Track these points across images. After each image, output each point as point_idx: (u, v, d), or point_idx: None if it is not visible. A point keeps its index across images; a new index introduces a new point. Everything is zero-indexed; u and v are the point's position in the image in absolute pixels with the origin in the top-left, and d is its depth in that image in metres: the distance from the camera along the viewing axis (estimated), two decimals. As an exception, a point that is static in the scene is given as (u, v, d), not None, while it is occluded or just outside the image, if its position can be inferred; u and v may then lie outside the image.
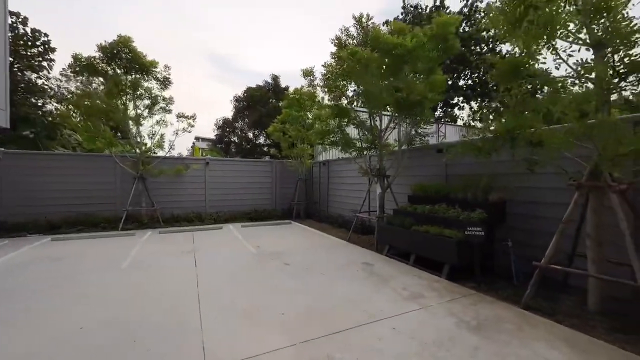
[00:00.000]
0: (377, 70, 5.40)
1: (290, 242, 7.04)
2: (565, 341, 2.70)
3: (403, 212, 5.89)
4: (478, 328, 2.94)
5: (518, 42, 3.87)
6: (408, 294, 3.81)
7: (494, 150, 4.10)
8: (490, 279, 4.31)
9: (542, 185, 4.55)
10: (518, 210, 4.80)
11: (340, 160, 10.62)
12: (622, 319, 3.08)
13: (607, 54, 3.22)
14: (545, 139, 3.70)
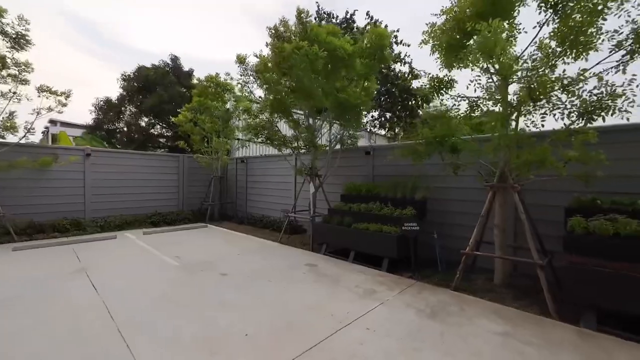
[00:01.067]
0: (322, 69, 5.34)
1: (215, 248, 6.23)
2: (495, 313, 3.31)
3: (339, 211, 6.06)
4: (433, 315, 3.27)
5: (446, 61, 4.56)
6: (362, 291, 3.91)
7: (428, 155, 4.67)
8: (421, 268, 4.91)
9: (456, 185, 5.48)
10: (436, 207, 5.64)
11: (263, 158, 10.13)
12: (520, 289, 4.01)
13: (509, 83, 4.12)
14: (462, 147, 4.48)
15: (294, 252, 5.97)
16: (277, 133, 6.75)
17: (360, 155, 7.10)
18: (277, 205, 9.33)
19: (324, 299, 3.66)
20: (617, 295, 2.94)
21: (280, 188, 9.30)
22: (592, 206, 3.74)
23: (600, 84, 3.41)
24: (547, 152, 3.41)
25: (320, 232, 6.01)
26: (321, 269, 4.82)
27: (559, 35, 3.63)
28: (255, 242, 6.88)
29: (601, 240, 3.33)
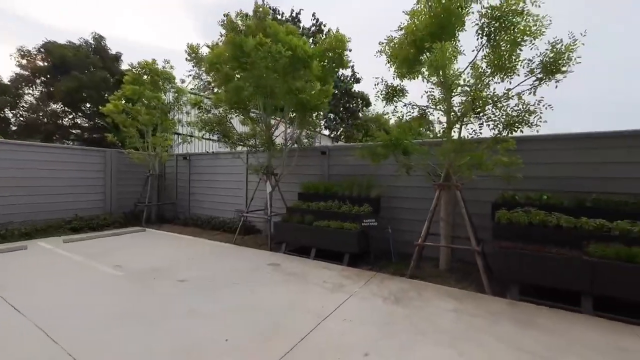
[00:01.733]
0: (284, 68, 5.32)
1: (163, 253, 5.67)
2: (446, 294, 3.84)
3: (298, 210, 6.13)
4: (398, 301, 3.63)
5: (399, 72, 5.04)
6: (331, 286, 4.09)
7: (385, 156, 5.09)
8: (377, 260, 5.32)
9: (406, 184, 6.07)
10: (388, 204, 6.16)
11: (211, 155, 9.53)
12: (459, 272, 4.69)
13: (452, 95, 4.77)
14: (412, 150, 5.02)
15: (253, 253, 5.83)
16: (232, 130, 6.47)
17: (316, 155, 7.28)
18: (227, 205, 8.91)
19: (297, 297, 3.72)
20: (534, 272, 3.71)
21: (230, 187, 8.90)
22: (512, 201, 4.61)
23: (520, 102, 4.23)
24: (483, 156, 4.08)
25: (280, 231, 5.99)
26: (286, 268, 4.84)
27: (491, 59, 4.37)
28: (208, 245, 6.48)
29: (520, 228, 4.14)
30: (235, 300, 3.59)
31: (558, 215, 4.03)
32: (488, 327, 3.05)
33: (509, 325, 3.10)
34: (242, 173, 8.65)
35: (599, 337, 2.88)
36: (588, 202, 4.20)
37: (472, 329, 2.99)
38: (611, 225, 3.71)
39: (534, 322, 3.16)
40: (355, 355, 2.50)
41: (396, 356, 2.50)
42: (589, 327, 3.09)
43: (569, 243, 3.81)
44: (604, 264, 3.37)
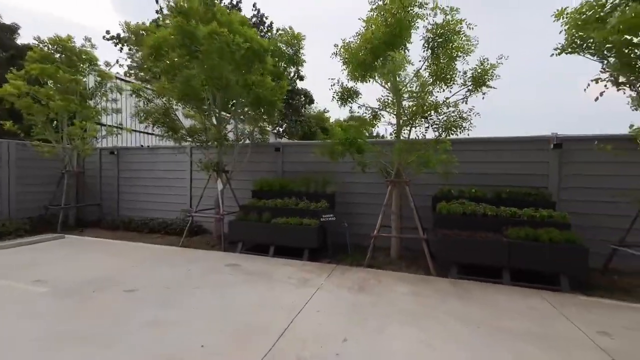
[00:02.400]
0: (240, 61, 5.12)
1: (96, 263, 4.94)
2: (400, 280, 4.29)
3: (254, 207, 6.00)
4: (361, 290, 3.91)
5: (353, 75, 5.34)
6: (296, 281, 4.16)
7: (343, 154, 5.35)
8: (334, 254, 5.57)
9: (358, 181, 6.45)
10: (342, 200, 6.46)
11: (147, 150, 8.54)
12: (408, 259, 5.25)
13: (402, 100, 5.27)
14: (366, 149, 5.41)
15: (206, 255, 5.51)
16: (177, 123, 5.93)
17: (269, 152, 7.18)
18: (168, 205, 8.14)
19: (265, 294, 3.69)
20: (468, 253, 4.41)
21: (172, 185, 8.15)
22: (449, 195, 5.36)
23: (456, 109, 4.92)
24: (430, 155, 4.64)
25: (235, 230, 5.77)
26: (246, 268, 4.72)
27: (433, 70, 4.97)
28: (150, 250, 5.86)
29: (456, 217, 4.86)
30: (201, 304, 3.39)
31: (484, 205, 4.85)
32: (439, 304, 3.54)
33: (455, 300, 3.65)
34: (186, 170, 8.01)
35: (517, 302, 3.61)
36: (504, 194, 5.15)
37: (427, 308, 3.44)
38: (521, 212, 4.65)
39: (472, 296, 3.77)
40: (335, 342, 2.65)
41: (370, 338, 2.74)
42: (510, 294, 3.84)
43: (492, 228, 4.63)
44: (517, 243, 4.21)
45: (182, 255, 5.44)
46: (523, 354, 2.54)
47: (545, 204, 4.81)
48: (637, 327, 3.02)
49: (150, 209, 8.34)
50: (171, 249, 5.90)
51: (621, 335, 2.86)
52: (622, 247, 4.40)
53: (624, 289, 4.08)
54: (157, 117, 5.54)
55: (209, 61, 4.89)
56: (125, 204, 8.68)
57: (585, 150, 5.10)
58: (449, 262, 4.56)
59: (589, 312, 3.35)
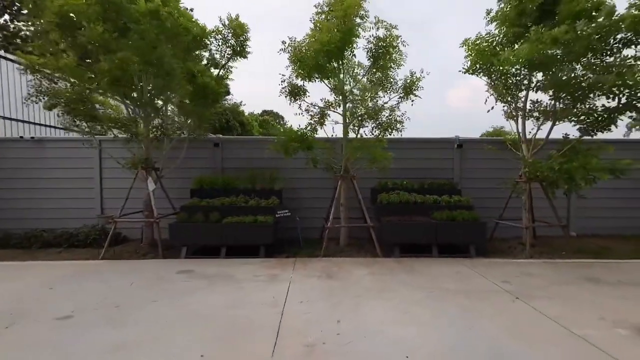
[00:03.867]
0: (182, 46, 4.61)
1: (-19, 293, 3.70)
2: (358, 264, 4.78)
3: (196, 208, 5.53)
4: (329, 277, 4.21)
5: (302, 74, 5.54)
6: (266, 278, 4.14)
7: (295, 151, 5.48)
8: (289, 247, 5.67)
9: (304, 176, 6.66)
10: (288, 195, 6.57)
11: (27, 142, 6.63)
12: (355, 245, 5.82)
13: (346, 102, 5.75)
14: (316, 146, 5.72)
15: (144, 265, 4.81)
16: (98, 112, 4.89)
17: (206, 147, 6.67)
18: (67, 211, 6.61)
19: (239, 295, 3.58)
20: (406, 234, 5.25)
21: (72, 187, 6.62)
22: (386, 187, 6.18)
23: (392, 113, 5.70)
24: (378, 152, 5.27)
25: (178, 233, 5.21)
26: (202, 272, 4.38)
27: (374, 77, 5.63)
28: (60, 267, 4.70)
29: (393, 206, 5.68)
30: (168, 316, 3.05)
31: (415, 195, 5.83)
32: (393, 279, 4.16)
33: (403, 274, 4.35)
34: (94, 167, 6.65)
35: (446, 269, 4.57)
36: (426, 185, 6.28)
37: (386, 283, 4.00)
38: (440, 199, 5.79)
39: (414, 269, 4.56)
40: (330, 324, 2.87)
41: (356, 315, 3.06)
42: (440, 265, 4.80)
43: (422, 213, 5.63)
44: (441, 223, 5.26)
45: (112, 268, 4.60)
46: (463, 304, 3.31)
47: (454, 191, 6.11)
48: (521, 275, 4.29)
49: (39, 219, 6.56)
50: (91, 264, 4.88)
51: (515, 282, 4.02)
52: (501, 221, 6.03)
53: (504, 251, 5.62)
54: (71, 103, 4.40)
55: (146, 43, 4.25)
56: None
57: (478, 149, 6.70)
58: (392, 244, 5.32)
59: (492, 269, 4.54)
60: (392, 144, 6.49)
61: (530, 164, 5.31)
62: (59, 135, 8.23)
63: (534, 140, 5.68)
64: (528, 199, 5.55)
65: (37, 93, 4.50)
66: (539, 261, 5.02)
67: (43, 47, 4.35)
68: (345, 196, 5.80)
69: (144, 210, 5.77)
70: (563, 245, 5.65)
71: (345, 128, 5.73)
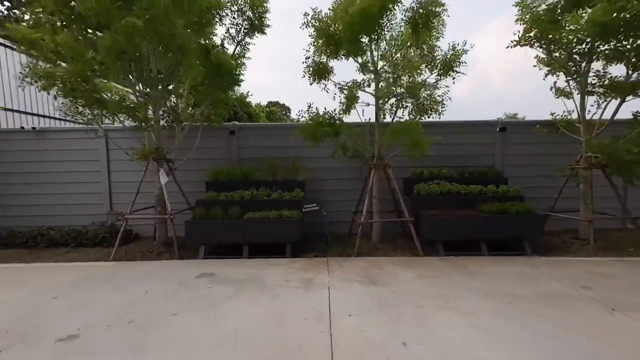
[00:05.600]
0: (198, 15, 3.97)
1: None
2: (400, 264, 4.19)
3: (215, 202, 4.98)
4: (373, 281, 3.63)
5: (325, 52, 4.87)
6: (299, 283, 3.59)
7: (323, 138, 4.85)
8: (316, 245, 5.10)
9: (328, 166, 6.04)
10: (311, 187, 5.97)
11: (29, 133, 6.13)
12: (389, 242, 5.22)
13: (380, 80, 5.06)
14: (345, 131, 5.08)
15: (159, 267, 4.29)
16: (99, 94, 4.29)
17: (222, 136, 6.07)
18: (74, 208, 6.15)
19: (274, 306, 3.02)
20: (453, 231, 4.62)
21: (79, 181, 6.14)
22: (421, 176, 5.53)
23: (432, 92, 4.99)
24: (421, 136, 4.60)
25: (195, 231, 4.67)
26: (226, 276, 3.84)
27: (413, 51, 4.92)
28: (68, 270, 4.22)
29: (433, 197, 5.05)
30: (198, 337, 2.50)
31: (456, 185, 5.17)
32: (449, 283, 3.56)
33: (458, 276, 3.74)
34: (100, 159, 6.13)
35: (505, 269, 3.95)
36: (467, 173, 5.62)
37: (442, 288, 3.41)
38: (485, 189, 5.13)
39: (468, 270, 3.95)
40: (395, 347, 2.30)
41: (422, 333, 2.49)
42: (494, 264, 4.18)
43: (465, 205, 4.99)
44: (491, 217, 4.62)
45: (124, 272, 4.09)
46: (550, 317, 2.70)
47: (499, 180, 5.43)
48: (596, 276, 3.66)
49: (44, 215, 6.12)
50: (101, 266, 4.39)
51: (595, 286, 3.39)
52: (554, 213, 5.35)
53: (559, 247, 4.96)
54: (70, 83, 3.80)
55: (155, 11, 3.61)
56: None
57: (524, 133, 5.98)
58: (434, 241, 4.71)
59: (558, 270, 3.91)
60: (426, 129, 5.83)
61: (597, 146, 4.59)
62: (66, 127, 7.69)
63: (594, 121, 4.94)
64: (589, 188, 4.86)
65: (32, 74, 3.91)
66: (606, 259, 4.37)
67: (37, 19, 3.75)
68: (378, 187, 5.17)
69: (157, 205, 5.24)
70: (626, 240, 4.98)
71: (377, 110, 5.07)
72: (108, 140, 5.98)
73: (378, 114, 5.07)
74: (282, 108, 30.78)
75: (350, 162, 5.81)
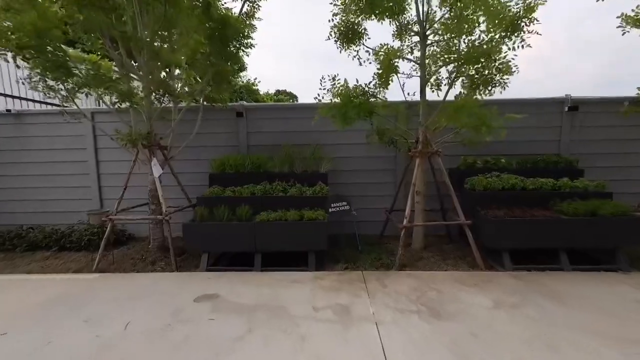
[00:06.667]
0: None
1: None
2: (462, 284, 3.19)
3: (220, 199, 4.03)
4: (435, 314, 2.65)
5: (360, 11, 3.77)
6: (332, 314, 2.64)
7: (355, 119, 3.81)
8: (344, 251, 4.13)
9: (350, 155, 5.03)
10: (333, 180, 4.96)
11: (6, 118, 5.25)
12: (436, 249, 4.22)
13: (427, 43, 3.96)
14: (378, 111, 4.02)
15: (151, 285, 3.39)
16: (66, 58, 3.31)
17: (228, 118, 5.08)
18: (59, 204, 5.34)
19: (304, 354, 2.09)
20: (522, 237, 3.57)
21: (64, 173, 5.28)
22: (473, 166, 4.46)
23: (497, 57, 3.81)
24: (487, 115, 3.51)
25: (196, 236, 3.75)
26: (235, 300, 2.92)
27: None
28: (37, 286, 3.36)
29: (493, 194, 3.99)
30: None
31: (522, 178, 4.09)
32: (543, 316, 2.55)
33: (547, 303, 2.74)
34: (87, 147, 5.24)
35: (609, 294, 2.92)
36: (529, 163, 4.51)
37: (533, 324, 2.42)
38: (561, 183, 4.04)
39: (556, 293, 2.94)
40: None
41: None
42: (588, 284, 3.15)
43: (534, 203, 3.92)
44: (576, 220, 3.55)
45: (106, 290, 3.21)
46: None
47: (573, 172, 4.32)
48: None
49: (24, 213, 5.32)
50: (81, 280, 3.52)
51: None
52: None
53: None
54: (19, 38, 2.82)
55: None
56: (-28, 208, 5.34)
57: (602, 113, 4.80)
58: (499, 249, 3.68)
59: (683, 295, 2.86)
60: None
61: None
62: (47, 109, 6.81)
63: None
64: None
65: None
66: None
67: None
68: (423, 180, 4.13)
69: (150, 203, 4.34)
70: None
71: (423, 84, 3.97)
72: (95, 126, 5.06)
73: (424, 89, 3.98)
74: (291, 96, 29.55)
75: (379, 150, 4.79)
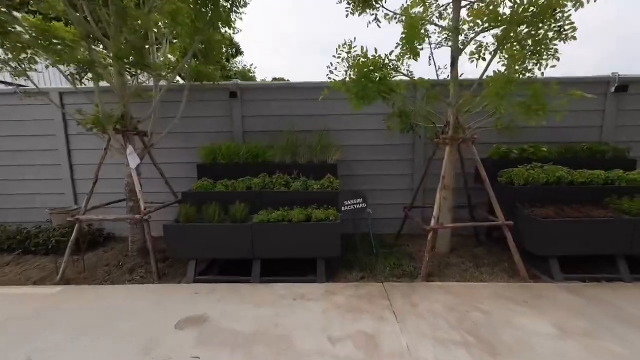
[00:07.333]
0: None
1: None
2: (510, 301, 2.59)
3: (209, 194, 3.37)
4: (490, 345, 2.05)
5: None
6: (354, 346, 2.03)
7: (373, 98, 3.12)
8: (357, 254, 3.51)
9: (359, 143, 4.36)
10: (344, 171, 4.31)
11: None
12: (466, 253, 3.61)
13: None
14: (396, 88, 3.33)
15: (124, 302, 2.75)
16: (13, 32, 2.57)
17: (220, 100, 4.36)
18: (23, 199, 4.66)
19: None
20: (574, 241, 2.98)
21: (29, 163, 4.58)
22: (508, 156, 3.82)
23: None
24: (542, 93, 2.83)
25: (180, 240, 3.09)
26: (227, 326, 2.29)
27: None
28: (9, 297, 2.72)
29: (534, 188, 3.36)
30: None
31: (570, 170, 3.46)
32: (622, 349, 1.97)
33: (625, 330, 2.16)
34: (56, 134, 4.51)
35: (691, 314, 2.34)
36: (571, 152, 3.88)
37: (612, 356, 1.83)
38: (614, 176, 3.41)
39: (623, 310, 2.37)
40: None
41: None
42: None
43: (582, 200, 3.31)
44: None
45: (65, 311, 2.56)
46: None
47: (623, 162, 3.70)
48: None
49: (-11, 209, 4.63)
50: (38, 296, 2.87)
51: None
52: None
53: None
54: None
55: None
56: None
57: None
58: (544, 255, 3.07)
59: None
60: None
61: None
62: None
63: None
64: None
65: None
66: None
67: None
68: (452, 172, 3.48)
69: (128, 198, 3.67)
70: None
71: (455, 55, 3.25)
72: (65, 108, 4.32)
73: (455, 60, 3.27)
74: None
75: (394, 138, 4.12)
